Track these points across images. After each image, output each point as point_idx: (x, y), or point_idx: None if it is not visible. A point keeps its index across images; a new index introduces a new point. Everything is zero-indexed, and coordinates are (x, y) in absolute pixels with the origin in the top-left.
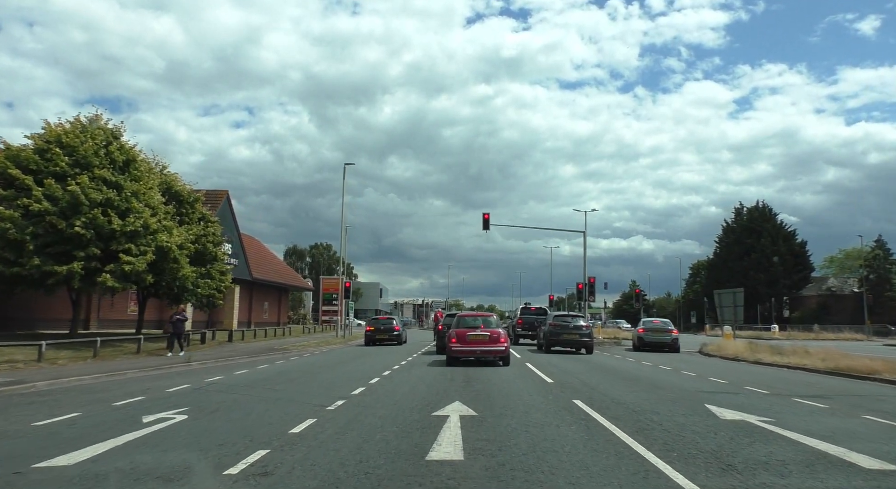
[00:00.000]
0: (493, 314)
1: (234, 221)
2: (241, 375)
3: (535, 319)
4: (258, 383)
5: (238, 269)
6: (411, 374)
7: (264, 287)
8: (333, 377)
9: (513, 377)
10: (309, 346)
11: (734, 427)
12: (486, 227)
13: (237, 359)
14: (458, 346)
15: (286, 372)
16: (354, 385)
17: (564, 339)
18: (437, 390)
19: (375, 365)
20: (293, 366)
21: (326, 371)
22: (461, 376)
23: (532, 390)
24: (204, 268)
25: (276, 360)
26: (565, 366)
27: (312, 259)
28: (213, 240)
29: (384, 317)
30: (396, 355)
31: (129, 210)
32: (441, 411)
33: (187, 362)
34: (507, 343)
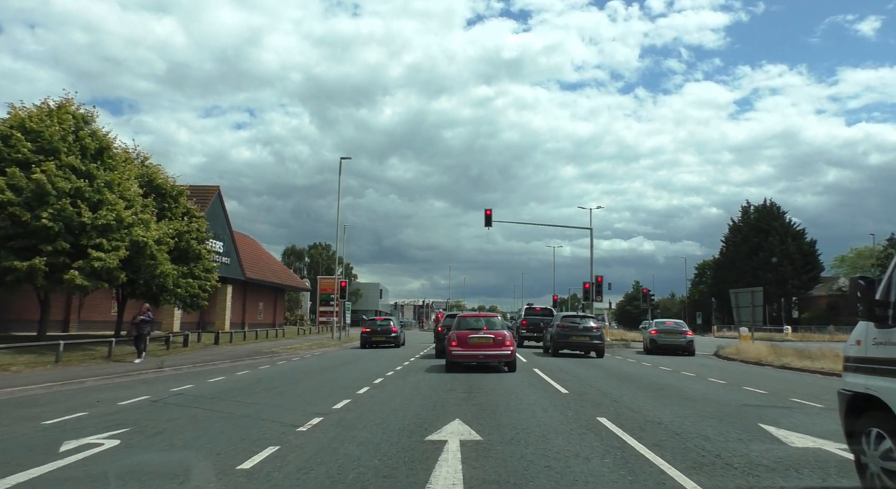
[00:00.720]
0: (498, 314)
1: (226, 219)
2: (214, 383)
3: (540, 320)
4: (229, 393)
5: (231, 269)
6: (406, 382)
7: (259, 287)
8: (317, 386)
9: (521, 386)
10: (300, 349)
11: (814, 459)
12: (488, 223)
13: (218, 363)
14: (458, 350)
15: (266, 379)
16: (339, 396)
17: (574, 342)
18: (434, 403)
19: (368, 370)
20: (276, 371)
21: (311, 378)
22: (462, 385)
23: (546, 403)
24: (186, 267)
25: (260, 365)
26: (578, 373)
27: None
28: (198, 236)
29: (381, 318)
30: (392, 359)
31: (102, 202)
32: (437, 434)
33: (160, 368)
34: (513, 346)
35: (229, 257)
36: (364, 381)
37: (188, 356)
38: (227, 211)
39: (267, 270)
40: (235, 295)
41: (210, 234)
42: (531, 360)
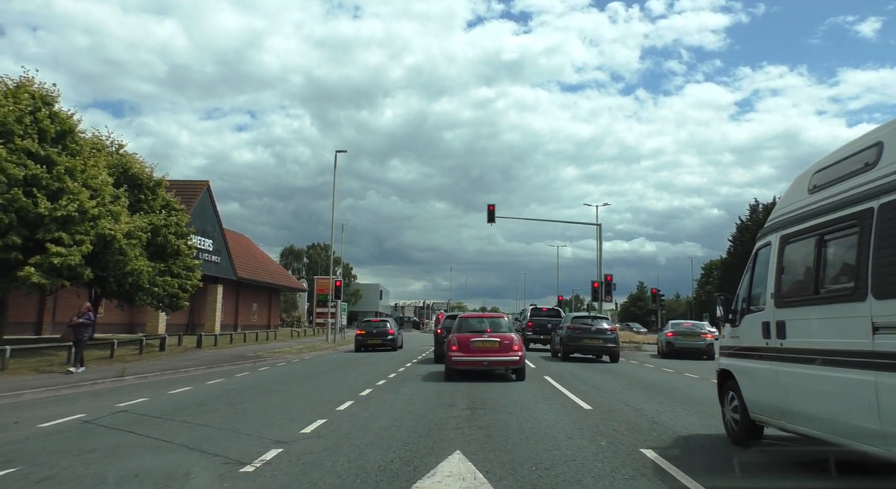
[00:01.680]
0: (505, 315)
1: (216, 215)
2: (172, 397)
3: (547, 321)
4: (183, 411)
5: (221, 268)
6: (398, 395)
7: (252, 287)
8: (291, 400)
9: (533, 399)
10: (289, 353)
11: None
12: (490, 219)
13: (191, 370)
14: (459, 356)
15: (237, 390)
16: (313, 414)
17: (585, 345)
18: (429, 426)
19: (356, 378)
20: (253, 380)
21: (289, 389)
22: (464, 398)
23: (568, 425)
24: (164, 264)
25: (238, 373)
26: (595, 381)
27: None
28: (177, 230)
29: (376, 320)
30: (387, 364)
31: (63, 190)
32: (430, 479)
33: (119, 376)
34: (521, 351)
35: (219, 256)
36: (349, 393)
37: (162, 362)
38: (217, 207)
39: (261, 270)
40: (227, 295)
41: (192, 228)
42: (540, 366)
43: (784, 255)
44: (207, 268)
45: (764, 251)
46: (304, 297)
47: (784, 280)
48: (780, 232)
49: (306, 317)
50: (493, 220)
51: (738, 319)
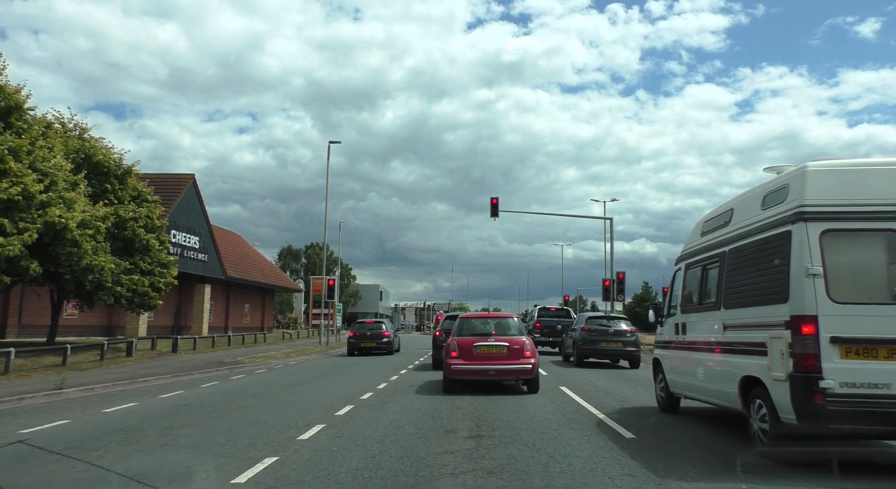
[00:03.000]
0: (514, 314)
1: (202, 211)
2: (106, 416)
3: (557, 322)
4: (101, 438)
5: (209, 267)
6: (383, 415)
7: (244, 287)
8: (249, 421)
9: (555, 422)
10: (274, 358)
11: None
12: (494, 213)
13: (150, 380)
14: (460, 364)
15: (188, 408)
16: (266, 446)
17: (602, 349)
18: (417, 469)
19: (339, 390)
20: (216, 393)
21: (253, 404)
22: (465, 420)
23: (614, 468)
24: (130, 260)
25: (205, 382)
26: (624, 393)
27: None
28: (147, 224)
29: (370, 321)
30: (379, 371)
31: (4, 173)
32: None
33: (57, 389)
34: (534, 358)
35: (207, 254)
36: (322, 413)
37: (122, 369)
38: (203, 202)
39: (253, 269)
40: (217, 296)
41: (165, 221)
42: (552, 373)
43: (686, 278)
44: (194, 266)
45: (677, 274)
46: (301, 298)
47: (685, 295)
48: (684, 261)
49: (303, 319)
50: (497, 213)
51: (663, 321)
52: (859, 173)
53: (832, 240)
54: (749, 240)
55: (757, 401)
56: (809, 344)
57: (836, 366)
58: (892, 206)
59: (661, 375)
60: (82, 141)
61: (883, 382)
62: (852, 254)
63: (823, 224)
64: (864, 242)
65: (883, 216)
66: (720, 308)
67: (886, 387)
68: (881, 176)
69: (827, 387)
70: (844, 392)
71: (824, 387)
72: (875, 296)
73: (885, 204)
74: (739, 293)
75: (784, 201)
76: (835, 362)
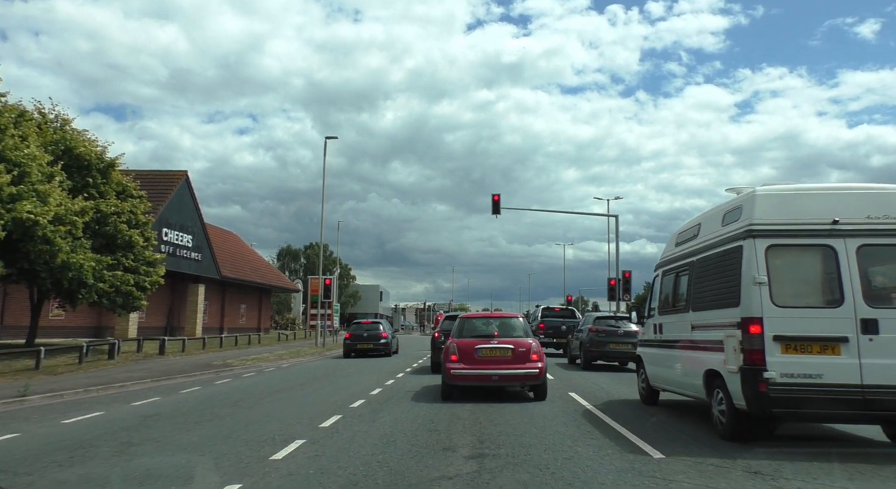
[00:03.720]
0: (519, 314)
1: (196, 208)
2: (61, 428)
3: (561, 323)
4: (42, 459)
5: (203, 266)
6: (374, 428)
7: (239, 287)
8: (223, 434)
9: (568, 436)
10: (266, 360)
11: None
12: (496, 210)
13: (128, 385)
14: (460, 368)
15: (158, 418)
16: (235, 468)
17: (612, 351)
18: None
19: (330, 396)
20: (194, 400)
21: (233, 414)
22: (466, 434)
23: None
24: (112, 257)
25: (186, 387)
26: (639, 400)
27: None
28: (130, 219)
29: (367, 322)
30: (374, 375)
31: None
32: None
33: (20, 396)
34: (542, 362)
35: (200, 252)
36: (306, 424)
37: (100, 373)
38: (197, 200)
39: (249, 269)
40: (212, 296)
41: (151, 217)
42: (559, 377)
43: (662, 283)
44: (187, 265)
45: (656, 279)
46: (299, 299)
47: (662, 299)
48: (661, 268)
49: (301, 320)
50: (499, 210)
51: (644, 322)
52: (799, 197)
53: (776, 253)
54: (712, 251)
55: (717, 390)
56: (756, 341)
57: (777, 359)
58: (825, 226)
59: (643, 371)
60: (63, 132)
61: (816, 373)
62: (792, 266)
63: (768, 240)
64: (802, 256)
65: (817, 234)
66: (689, 310)
67: (819, 377)
68: (816, 200)
69: (770, 377)
70: (784, 381)
71: (767, 378)
72: (810, 301)
73: (819, 223)
74: (704, 297)
75: (738, 220)
76: (776, 356)
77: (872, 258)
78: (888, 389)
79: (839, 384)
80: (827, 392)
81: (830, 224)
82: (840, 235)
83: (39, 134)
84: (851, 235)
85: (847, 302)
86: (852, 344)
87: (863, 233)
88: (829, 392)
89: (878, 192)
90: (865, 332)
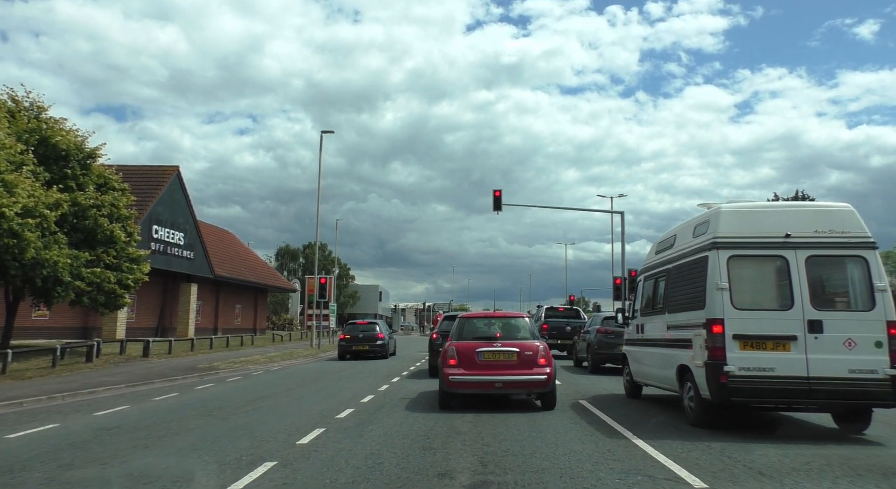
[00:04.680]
0: (525, 314)
1: (188, 205)
2: (6, 443)
3: (566, 323)
4: None
5: (195, 264)
6: (360, 446)
7: (234, 286)
8: (188, 451)
9: (586, 456)
10: (256, 363)
11: None
12: (497, 206)
13: (99, 391)
14: (459, 374)
15: (124, 428)
16: None
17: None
18: None
19: (316, 405)
20: (168, 407)
21: (205, 426)
22: (466, 454)
23: None
24: (92, 252)
25: (163, 393)
26: (665, 413)
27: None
28: (111, 213)
29: (363, 322)
30: (368, 379)
31: None
32: None
33: None
34: (550, 367)
35: (193, 251)
36: (283, 439)
37: (73, 378)
38: (189, 196)
39: (244, 268)
40: (205, 296)
41: (134, 211)
42: (567, 382)
43: (644, 288)
44: (178, 264)
45: (639, 284)
46: (297, 299)
47: (644, 301)
48: (643, 274)
49: (299, 320)
50: (500, 207)
51: (628, 322)
52: (757, 214)
53: (736, 263)
54: (684, 260)
55: (687, 383)
56: (718, 339)
57: (736, 355)
58: (778, 239)
59: (628, 367)
60: (38, 121)
61: (769, 366)
62: (750, 274)
63: (730, 251)
64: (759, 265)
65: (772, 246)
66: (665, 312)
67: (771, 370)
68: (772, 216)
69: (729, 370)
70: (742, 374)
71: (727, 371)
72: (765, 304)
73: (773, 237)
74: (677, 301)
75: (706, 233)
76: (735, 353)
77: (819, 267)
78: (829, 380)
79: (789, 376)
80: (778, 383)
81: (783, 237)
82: (791, 247)
83: (12, 122)
84: (801, 247)
85: (796, 305)
86: (800, 341)
87: (811, 245)
88: (780, 383)
89: (824, 210)
90: (812, 332)
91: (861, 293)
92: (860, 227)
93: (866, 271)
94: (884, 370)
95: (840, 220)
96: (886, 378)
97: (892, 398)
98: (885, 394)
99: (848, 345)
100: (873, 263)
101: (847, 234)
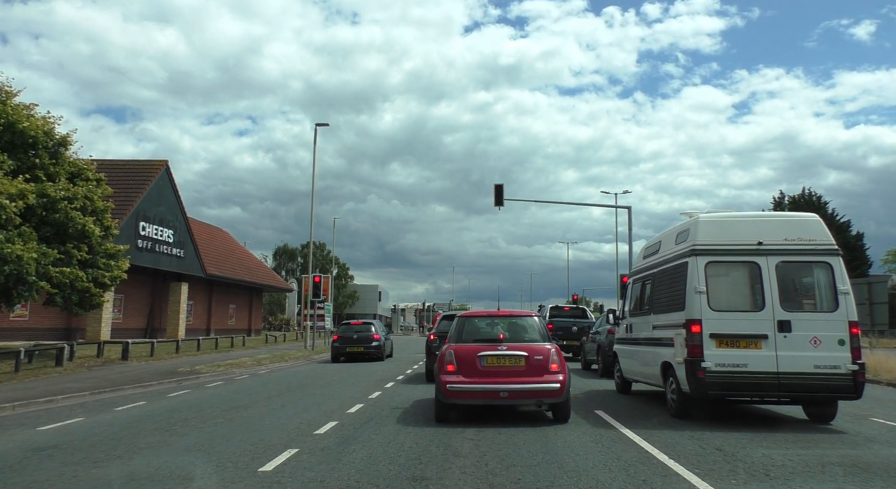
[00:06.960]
0: (534, 312)
1: (177, 201)
2: None
3: (572, 324)
4: None
5: (185, 263)
6: (336, 470)
7: (228, 286)
8: (124, 479)
9: (614, 486)
10: (243, 366)
11: None
12: (498, 201)
13: (58, 400)
14: (458, 382)
15: (65, 446)
16: None
17: None
18: None
19: (297, 415)
20: (128, 419)
21: (163, 442)
22: (467, 484)
23: None
24: (62, 248)
25: (128, 402)
26: (693, 423)
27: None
28: (84, 206)
29: (358, 323)
30: (359, 384)
31: None
32: None
33: None
34: (563, 373)
35: (183, 249)
36: (245, 464)
37: (35, 384)
38: (178, 192)
39: (238, 267)
40: (197, 295)
41: (110, 203)
42: (578, 389)
43: (632, 290)
44: (167, 262)
45: (628, 286)
46: (294, 298)
47: (632, 303)
48: (632, 277)
49: (295, 320)
50: (502, 202)
51: (618, 322)
52: (732, 223)
53: (713, 268)
54: (667, 265)
55: (670, 378)
56: (696, 338)
57: (712, 352)
58: (751, 246)
59: (618, 365)
60: (3, 105)
61: (742, 363)
62: (725, 278)
63: (707, 257)
64: (734, 270)
65: (746, 252)
66: (651, 313)
67: (744, 366)
68: (746, 225)
69: (706, 366)
70: (717, 370)
71: (704, 367)
72: (739, 306)
73: (747, 244)
74: (661, 302)
75: (686, 241)
76: (712, 350)
77: (788, 272)
78: (797, 375)
79: (760, 372)
80: (750, 378)
81: (756, 245)
82: (763, 254)
83: None
84: (772, 254)
85: (767, 306)
86: (771, 340)
87: (781, 252)
88: (751, 378)
89: (793, 220)
90: (781, 331)
91: (826, 295)
92: (826, 235)
93: (831, 276)
94: (846, 366)
95: (808, 229)
96: (848, 373)
97: (854, 391)
98: (847, 387)
99: (814, 343)
100: (837, 268)
101: (814, 241)
